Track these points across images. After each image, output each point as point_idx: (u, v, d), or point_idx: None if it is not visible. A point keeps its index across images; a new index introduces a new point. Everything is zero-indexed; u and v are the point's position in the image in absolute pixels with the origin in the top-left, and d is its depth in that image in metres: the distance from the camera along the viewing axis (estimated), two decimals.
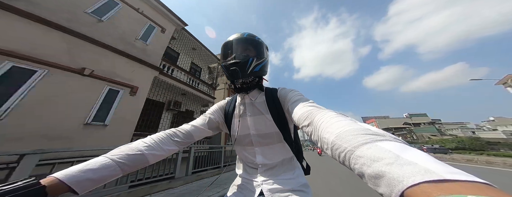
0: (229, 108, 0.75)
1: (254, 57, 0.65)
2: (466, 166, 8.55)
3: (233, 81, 0.68)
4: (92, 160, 0.43)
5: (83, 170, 0.40)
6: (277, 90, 0.70)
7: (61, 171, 0.38)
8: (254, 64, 0.65)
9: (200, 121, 0.70)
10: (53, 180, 0.36)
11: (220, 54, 0.74)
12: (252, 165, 0.70)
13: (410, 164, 0.19)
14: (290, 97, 0.60)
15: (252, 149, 0.69)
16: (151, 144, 0.53)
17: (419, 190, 0.16)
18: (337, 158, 0.28)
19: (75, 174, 0.38)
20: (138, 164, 0.49)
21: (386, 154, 0.21)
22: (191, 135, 0.64)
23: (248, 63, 0.64)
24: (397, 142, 0.24)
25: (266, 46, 0.75)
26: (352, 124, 0.31)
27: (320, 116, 0.39)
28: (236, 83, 0.67)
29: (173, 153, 0.60)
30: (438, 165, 0.18)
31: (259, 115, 0.67)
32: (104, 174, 0.42)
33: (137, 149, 0.50)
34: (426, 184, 0.16)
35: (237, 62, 0.63)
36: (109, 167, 0.43)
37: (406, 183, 0.17)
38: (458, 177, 0.16)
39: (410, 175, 0.17)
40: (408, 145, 0.24)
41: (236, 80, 0.66)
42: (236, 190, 0.70)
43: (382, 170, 0.20)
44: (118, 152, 0.47)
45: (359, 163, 0.23)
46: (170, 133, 0.61)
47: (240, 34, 0.72)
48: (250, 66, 0.64)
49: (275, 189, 0.61)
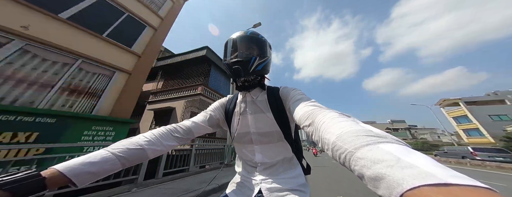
0: (230, 105, 0.74)
1: (257, 56, 0.65)
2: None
3: (235, 79, 0.68)
4: (93, 153, 0.42)
5: (84, 162, 0.39)
6: (279, 88, 0.70)
7: (62, 163, 0.38)
8: (256, 63, 0.64)
9: (201, 117, 0.70)
10: (53, 172, 0.36)
11: (223, 52, 0.73)
12: (251, 164, 0.70)
13: (411, 167, 0.19)
14: (292, 96, 0.59)
15: (251, 147, 0.68)
16: (151, 139, 0.53)
17: (419, 193, 0.16)
18: (337, 159, 0.28)
19: (75, 166, 0.38)
20: (137, 158, 0.49)
21: (387, 156, 0.21)
22: (191, 131, 0.64)
23: (250, 62, 0.63)
24: (399, 144, 0.24)
25: (270, 44, 0.74)
26: (354, 125, 0.31)
27: (321, 116, 0.39)
28: (238, 81, 0.67)
29: (172, 148, 0.60)
30: (439, 169, 0.18)
31: (260, 113, 0.67)
32: (104, 167, 0.42)
33: (138, 143, 0.50)
34: (426, 187, 0.16)
35: (239, 60, 0.63)
36: (109, 160, 0.43)
37: (405, 186, 0.17)
38: (459, 181, 0.16)
39: (410, 178, 0.17)
40: (410, 147, 0.23)
41: (238, 78, 0.66)
42: (235, 187, 0.70)
43: (382, 172, 0.20)
44: (119, 146, 0.47)
45: (359, 164, 0.23)
46: (170, 129, 0.60)
47: (243, 32, 0.71)
48: (253, 65, 0.64)
49: (274, 188, 0.61)
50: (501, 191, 0.15)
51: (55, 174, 0.36)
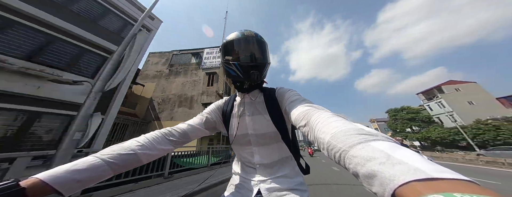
0: (227, 107, 0.74)
1: (268, 62, 0.66)
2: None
3: (242, 82, 0.66)
4: (80, 160, 0.40)
5: (69, 170, 0.37)
6: (275, 89, 0.70)
7: (45, 172, 0.35)
8: (267, 69, 0.66)
9: (197, 120, 0.69)
10: (34, 181, 0.33)
11: (226, 49, 0.66)
12: (250, 165, 0.70)
13: (401, 163, 0.20)
14: (288, 97, 0.59)
15: (250, 148, 0.68)
16: (144, 144, 0.51)
17: (410, 189, 0.17)
18: (333, 158, 0.29)
19: (60, 174, 0.35)
20: (130, 164, 0.47)
21: (379, 153, 0.22)
22: (187, 134, 0.63)
23: (265, 67, 0.65)
24: (389, 141, 0.25)
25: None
26: (347, 124, 0.32)
27: (316, 116, 0.39)
28: (245, 84, 0.66)
29: (168, 152, 0.58)
30: (426, 164, 0.19)
31: (258, 115, 0.67)
32: (93, 174, 0.40)
33: (130, 148, 0.48)
34: (415, 182, 0.17)
35: (257, 65, 0.62)
36: (98, 167, 0.41)
37: (397, 182, 0.18)
38: (444, 175, 0.17)
39: (401, 174, 0.18)
40: (398, 144, 0.25)
41: (253, 83, 0.66)
42: (233, 189, 0.69)
43: (374, 170, 0.21)
44: (109, 152, 0.45)
45: (354, 163, 0.24)
46: (165, 132, 0.59)
47: (252, 33, 0.66)
48: (265, 70, 0.65)
49: (273, 188, 0.61)
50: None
51: (37, 184, 0.33)
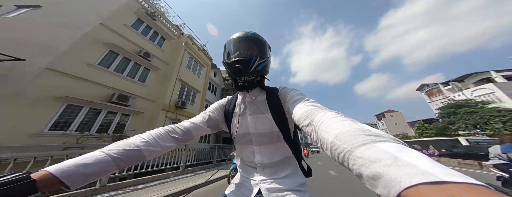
0: (230, 106, 0.74)
1: (257, 56, 0.65)
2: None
3: (235, 79, 0.68)
4: (88, 154, 0.42)
5: (77, 164, 0.38)
6: (278, 89, 0.69)
7: (54, 165, 0.37)
8: (257, 63, 0.64)
9: (200, 118, 0.69)
10: (45, 174, 0.35)
11: (223, 52, 0.72)
12: (251, 164, 0.69)
13: (408, 165, 0.19)
14: (291, 96, 0.59)
15: (251, 148, 0.68)
16: (148, 140, 0.52)
17: (416, 192, 0.16)
18: (336, 158, 0.28)
19: (68, 168, 0.37)
20: (134, 159, 0.48)
21: (385, 155, 0.21)
22: (190, 132, 0.64)
23: (251, 62, 0.63)
24: (396, 143, 0.24)
25: (269, 46, 0.75)
26: (352, 124, 0.31)
27: (320, 116, 0.39)
28: (239, 81, 0.67)
29: (170, 149, 0.59)
30: (436, 167, 0.18)
31: (260, 114, 0.67)
32: (99, 169, 0.41)
33: (134, 144, 0.49)
34: (423, 185, 0.16)
35: (240, 60, 0.62)
36: (104, 162, 0.42)
37: (403, 184, 0.17)
38: (455, 178, 0.16)
39: (408, 177, 0.17)
40: (406, 146, 0.23)
41: (239, 78, 0.66)
42: (234, 188, 0.69)
43: (379, 171, 0.20)
44: (114, 147, 0.46)
45: (358, 164, 0.23)
46: (168, 129, 0.60)
47: (244, 32, 0.71)
48: (253, 65, 0.63)
49: (273, 189, 0.61)
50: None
51: (47, 176, 0.34)
